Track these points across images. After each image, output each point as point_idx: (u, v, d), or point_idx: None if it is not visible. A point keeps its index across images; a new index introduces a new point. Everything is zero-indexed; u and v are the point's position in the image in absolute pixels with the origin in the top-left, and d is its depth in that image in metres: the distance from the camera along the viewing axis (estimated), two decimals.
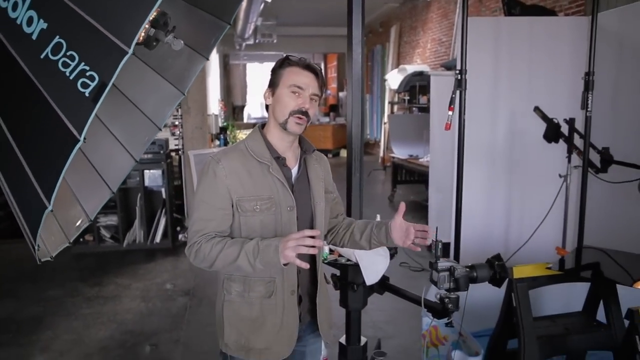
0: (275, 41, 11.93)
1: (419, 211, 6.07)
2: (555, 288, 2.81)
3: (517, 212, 3.73)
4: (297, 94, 1.49)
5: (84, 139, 1.19)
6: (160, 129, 2.58)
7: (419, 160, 6.60)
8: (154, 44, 1.91)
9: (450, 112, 2.94)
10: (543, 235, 3.34)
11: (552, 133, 3.45)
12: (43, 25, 1.24)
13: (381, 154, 10.73)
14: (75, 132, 1.19)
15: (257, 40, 11.90)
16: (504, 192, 3.73)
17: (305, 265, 1.37)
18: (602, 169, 3.29)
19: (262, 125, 1.61)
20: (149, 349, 3.16)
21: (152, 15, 1.54)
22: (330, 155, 12.15)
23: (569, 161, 3.41)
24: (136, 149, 2.52)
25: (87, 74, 1.17)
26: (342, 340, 2.60)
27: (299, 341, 1.64)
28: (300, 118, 1.50)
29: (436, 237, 1.93)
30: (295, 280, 1.57)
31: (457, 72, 2.93)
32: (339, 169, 3.00)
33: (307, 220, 1.59)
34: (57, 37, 1.21)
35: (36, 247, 1.57)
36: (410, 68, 8.79)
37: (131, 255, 4.98)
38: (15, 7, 1.27)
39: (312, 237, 1.35)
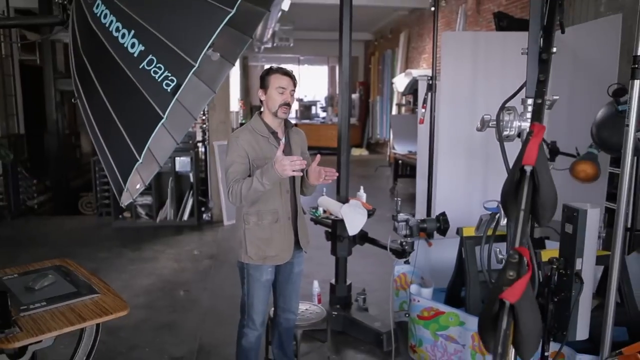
0: (292, 45, 12.56)
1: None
2: None
3: (492, 195, 4.44)
4: (281, 92, 2.34)
5: (166, 117, 1.99)
6: (196, 119, 3.36)
7: (417, 155, 7.32)
8: None
9: (422, 110, 3.72)
10: None
11: None
12: (141, 47, 2.04)
13: (389, 152, 11.46)
14: (160, 112, 1.99)
15: (275, 44, 12.55)
16: (481, 178, 4.45)
17: (299, 174, 2.21)
18: (550, 159, 4.04)
19: (259, 113, 2.45)
20: (183, 293, 4.01)
21: None
22: None
23: None
24: (177, 134, 3.31)
25: (169, 78, 1.96)
26: (332, 281, 3.40)
27: None
28: (286, 108, 2.36)
29: (396, 196, 2.71)
30: (289, 210, 2.41)
31: (429, 78, 3.71)
32: (350, 165, 3.41)
33: None
34: (150, 55, 2.01)
35: (125, 189, 2.35)
36: (415, 72, 9.43)
37: (163, 230, 5.85)
38: (123, 36, 2.08)
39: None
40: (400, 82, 9.78)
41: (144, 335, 3.33)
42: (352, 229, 2.94)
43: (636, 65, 1.97)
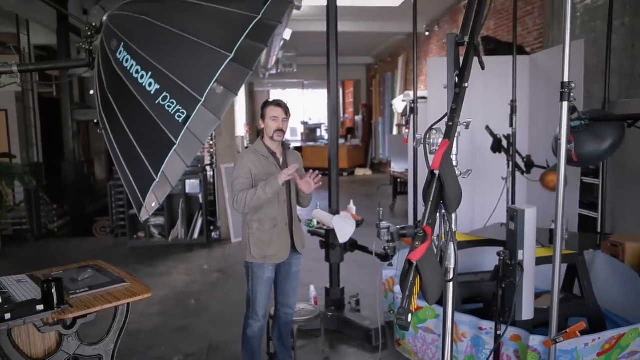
0: (295, 70, 13.05)
1: None
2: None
3: (479, 204, 4.84)
4: (274, 120, 2.79)
5: (178, 143, 2.42)
6: (204, 144, 3.79)
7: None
8: None
9: (406, 130, 4.14)
10: (497, 219, 4.43)
11: (496, 146, 4.59)
12: (157, 86, 2.48)
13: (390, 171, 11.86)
14: (173, 139, 2.42)
15: (279, 70, 13.05)
16: (468, 190, 4.83)
17: (292, 176, 2.69)
18: (526, 171, 4.42)
19: (261, 137, 2.89)
20: (194, 301, 4.40)
21: None
22: (345, 174, 13.23)
23: (508, 167, 4.53)
24: (187, 157, 3.72)
25: (180, 110, 2.40)
26: (327, 285, 3.78)
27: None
28: (279, 133, 2.81)
29: (379, 207, 3.12)
30: (286, 217, 2.85)
31: (412, 101, 4.14)
32: (353, 185, 3.83)
33: (287, 186, 2.86)
34: (165, 92, 2.45)
35: (144, 205, 2.76)
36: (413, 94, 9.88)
37: (175, 248, 6.28)
38: (142, 77, 2.53)
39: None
40: (399, 103, 10.23)
41: (160, 337, 3.72)
42: (342, 237, 3.33)
43: (564, 90, 2.37)
